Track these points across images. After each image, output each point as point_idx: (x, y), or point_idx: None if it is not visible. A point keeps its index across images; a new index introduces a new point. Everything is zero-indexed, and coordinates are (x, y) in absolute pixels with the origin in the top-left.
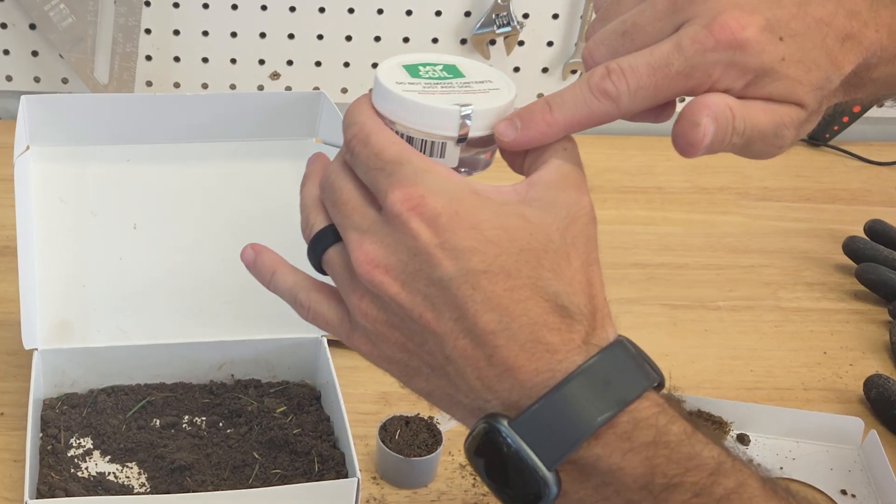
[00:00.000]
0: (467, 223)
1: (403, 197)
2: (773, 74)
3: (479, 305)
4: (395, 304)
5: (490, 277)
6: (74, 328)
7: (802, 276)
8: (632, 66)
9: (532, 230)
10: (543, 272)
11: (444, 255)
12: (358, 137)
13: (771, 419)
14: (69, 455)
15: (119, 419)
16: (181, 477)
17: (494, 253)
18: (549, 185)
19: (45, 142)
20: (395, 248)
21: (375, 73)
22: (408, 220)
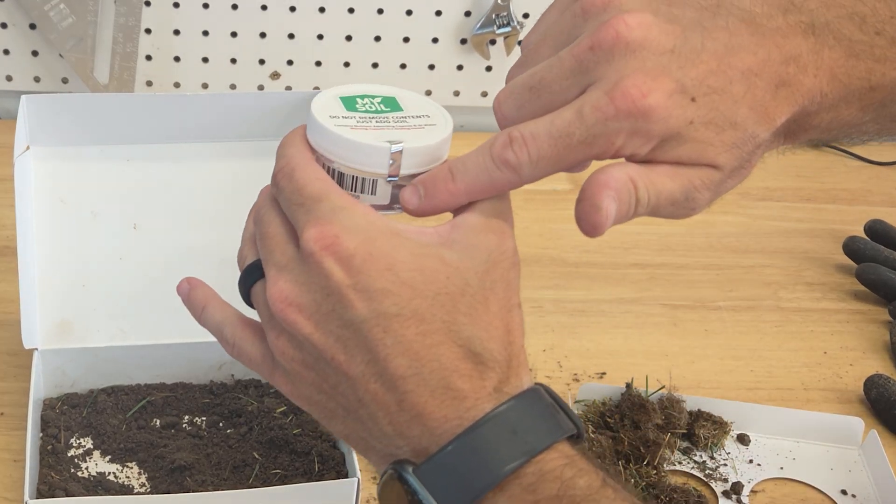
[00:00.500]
0: (382, 264)
1: (318, 235)
2: (679, 138)
3: (390, 349)
4: (309, 344)
5: (402, 321)
6: (74, 328)
7: (803, 277)
8: (533, 135)
9: (450, 273)
10: (459, 316)
11: (356, 297)
12: (283, 171)
13: (771, 419)
14: (69, 455)
15: (119, 419)
16: (181, 477)
17: (408, 296)
18: (472, 228)
19: (45, 142)
20: (309, 286)
21: (310, 104)
22: (321, 260)
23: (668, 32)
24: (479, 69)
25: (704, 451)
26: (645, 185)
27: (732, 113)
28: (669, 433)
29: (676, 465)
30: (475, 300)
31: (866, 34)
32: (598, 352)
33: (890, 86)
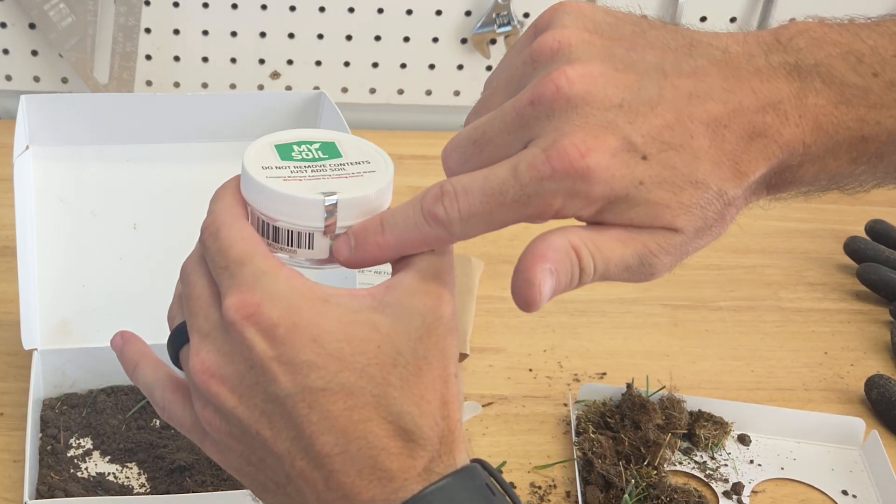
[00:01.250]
0: (307, 335)
1: (239, 303)
2: (629, 200)
3: (315, 426)
4: (234, 418)
5: (329, 395)
6: (74, 328)
7: (804, 277)
8: (466, 190)
9: (381, 342)
10: (389, 389)
11: (280, 370)
12: (209, 229)
13: (772, 419)
14: (69, 455)
15: (119, 419)
16: (181, 477)
17: (335, 368)
18: (407, 290)
19: (45, 142)
20: (232, 357)
21: (245, 157)
22: (242, 329)
23: (617, 83)
24: (479, 69)
25: (705, 452)
26: (590, 253)
27: (692, 170)
28: (670, 433)
29: (677, 466)
30: (408, 371)
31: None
32: (599, 352)
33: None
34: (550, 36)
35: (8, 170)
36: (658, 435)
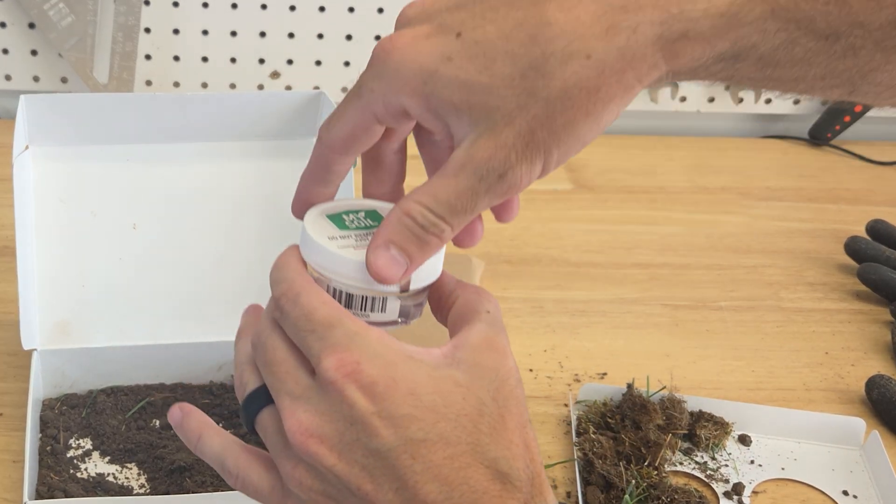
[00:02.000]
0: (404, 389)
1: (338, 363)
2: (439, 78)
3: (419, 476)
4: (331, 475)
5: (429, 446)
6: (73, 328)
7: (804, 277)
8: None
9: (465, 394)
10: (482, 437)
11: (382, 424)
12: (287, 296)
13: (772, 420)
14: (68, 456)
15: (118, 420)
16: (181, 478)
17: (433, 420)
18: (474, 348)
19: (45, 141)
20: (331, 416)
21: (303, 226)
22: (343, 388)
23: None
24: None
25: (706, 452)
26: (422, 204)
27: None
28: (670, 434)
29: (678, 466)
30: (493, 419)
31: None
32: (600, 352)
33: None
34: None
35: (7, 170)
36: (659, 435)
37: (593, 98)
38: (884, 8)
